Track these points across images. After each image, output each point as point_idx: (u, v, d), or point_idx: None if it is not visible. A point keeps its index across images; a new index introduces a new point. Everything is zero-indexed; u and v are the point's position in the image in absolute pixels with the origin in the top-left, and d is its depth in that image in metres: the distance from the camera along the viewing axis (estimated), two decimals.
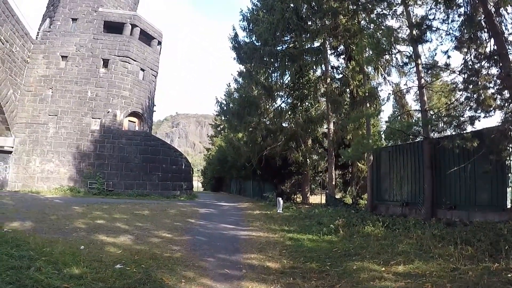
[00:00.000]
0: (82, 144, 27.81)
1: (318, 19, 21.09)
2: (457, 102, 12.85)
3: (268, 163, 27.75)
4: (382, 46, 14.55)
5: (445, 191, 13.29)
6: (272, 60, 23.59)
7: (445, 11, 12.31)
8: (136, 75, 30.65)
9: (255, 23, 24.26)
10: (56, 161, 27.18)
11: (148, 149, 29.26)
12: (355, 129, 22.09)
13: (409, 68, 15.35)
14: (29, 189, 25.01)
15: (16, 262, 5.97)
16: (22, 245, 7.37)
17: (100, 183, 26.95)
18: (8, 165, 26.46)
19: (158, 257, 7.99)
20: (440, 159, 13.57)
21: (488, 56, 11.33)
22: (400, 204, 15.66)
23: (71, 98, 28.25)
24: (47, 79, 28.26)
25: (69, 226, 11.24)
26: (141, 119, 31.55)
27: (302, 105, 26.40)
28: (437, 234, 9.54)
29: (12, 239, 7.71)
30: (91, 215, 14.20)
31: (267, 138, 26.95)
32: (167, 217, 16.18)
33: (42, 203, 17.78)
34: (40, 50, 28.75)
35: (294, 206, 22.66)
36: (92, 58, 29.16)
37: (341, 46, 23.89)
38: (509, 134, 10.37)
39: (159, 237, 10.79)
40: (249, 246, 10.25)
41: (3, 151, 26.25)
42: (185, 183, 30.79)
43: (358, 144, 15.24)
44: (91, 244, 8.84)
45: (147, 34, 32.09)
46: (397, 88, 19.53)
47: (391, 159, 16.92)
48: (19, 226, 10.41)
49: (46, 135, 27.43)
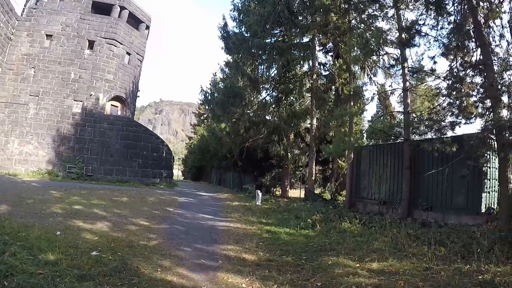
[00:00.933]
0: (62, 126, 27.20)
1: (309, 15, 21.12)
2: (439, 107, 13.11)
3: (250, 155, 27.77)
4: (371, 46, 14.72)
5: (422, 193, 13.62)
6: (260, 52, 23.48)
7: (435, 17, 12.53)
8: (121, 59, 30.11)
9: (246, 14, 24.05)
10: (35, 143, 26.53)
11: (130, 135, 28.86)
12: (337, 126, 22.20)
13: (395, 71, 15.68)
14: (6, 171, 24.35)
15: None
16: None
17: (79, 168, 26.47)
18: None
19: (134, 245, 7.98)
20: (419, 161, 13.88)
21: (474, 65, 11.61)
22: (378, 203, 15.96)
23: (53, 78, 27.55)
24: (30, 58, 27.49)
25: (45, 211, 11.09)
26: (124, 104, 31.07)
27: (286, 99, 26.49)
28: (412, 233, 9.73)
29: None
30: (68, 200, 14.01)
31: (249, 130, 26.91)
32: (146, 204, 16.10)
33: (19, 186, 17.48)
34: (25, 28, 27.92)
35: (273, 199, 22.76)
36: (78, 39, 28.47)
37: (330, 43, 24.00)
38: (488, 141, 10.68)
39: (137, 225, 10.75)
40: (226, 237, 10.29)
41: None
42: (165, 171, 30.58)
43: (340, 141, 15.43)
44: (67, 229, 8.75)
45: (135, 17, 31.56)
46: (382, 89, 19.78)
47: (371, 158, 17.18)
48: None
49: (26, 116, 26.71)
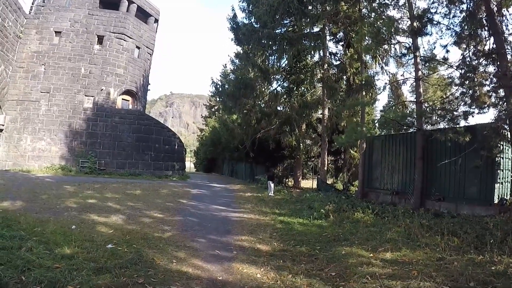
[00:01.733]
0: (74, 122, 27.46)
1: (319, 4, 20.87)
2: (452, 96, 13.00)
3: (261, 146, 27.85)
4: (382, 35, 14.55)
5: (435, 183, 13.57)
6: (270, 43, 23.34)
7: (447, 5, 12.36)
8: (131, 53, 30.21)
9: (255, 4, 23.91)
10: (47, 139, 26.84)
11: (141, 128, 29.05)
12: (349, 116, 22.18)
13: (407, 60, 15.46)
14: (20, 168, 24.74)
15: (7, 242, 5.96)
16: (13, 225, 7.38)
17: (92, 162, 26.74)
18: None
19: (149, 237, 8.09)
20: (432, 151, 13.79)
21: (487, 54, 11.48)
22: (390, 193, 15.92)
23: (64, 75, 27.76)
24: (39, 55, 27.67)
25: (60, 206, 11.24)
26: (135, 98, 31.24)
27: (298, 90, 26.39)
28: (425, 224, 9.70)
29: (2, 219, 7.68)
30: (82, 195, 14.18)
31: (261, 121, 26.97)
32: (159, 197, 16.23)
33: (33, 182, 17.67)
34: (33, 25, 28.07)
35: (286, 190, 22.74)
36: (87, 34, 28.59)
37: (340, 33, 23.74)
38: (502, 131, 10.58)
39: (151, 217, 10.86)
40: (240, 228, 10.36)
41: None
42: (177, 164, 30.80)
43: (352, 131, 15.32)
44: (82, 223, 8.88)
45: (143, 11, 31.54)
46: (394, 78, 19.58)
47: (383, 147, 17.10)
48: (10, 205, 10.39)
49: (37, 112, 27.00)
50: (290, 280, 5.79)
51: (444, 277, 5.66)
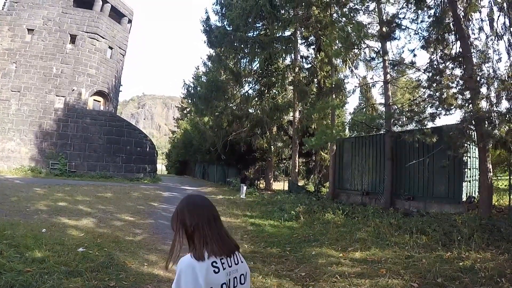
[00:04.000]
0: (45, 122, 26.71)
1: (291, 9, 21.16)
2: (420, 98, 13.43)
3: (233, 149, 27.86)
4: (352, 40, 14.88)
5: (404, 183, 13.96)
6: (242, 46, 23.39)
7: (415, 11, 12.79)
8: (104, 53, 29.70)
9: (228, 7, 23.94)
10: (17, 140, 25.99)
11: (113, 130, 28.55)
12: (320, 118, 22.40)
13: (376, 63, 15.82)
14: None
15: None
16: None
17: (62, 164, 26.09)
18: None
19: (120, 240, 8.04)
20: (401, 152, 14.18)
21: (453, 57, 11.92)
22: (361, 193, 16.24)
23: (35, 74, 27.00)
24: (11, 53, 26.82)
25: (30, 208, 11.00)
26: (107, 99, 30.69)
27: (269, 93, 26.55)
28: (394, 223, 9.94)
29: None
30: (52, 197, 13.86)
31: (232, 124, 26.96)
32: (130, 200, 16.05)
33: (2, 184, 17.20)
34: (6, 22, 27.17)
35: (257, 192, 22.87)
36: (60, 33, 27.91)
37: (311, 36, 23.99)
38: (467, 132, 10.99)
39: (122, 220, 10.77)
40: None
41: None
42: (149, 166, 30.40)
43: (322, 133, 15.54)
44: (53, 227, 8.71)
45: (117, 11, 31.11)
46: (364, 81, 20.01)
47: (353, 149, 17.42)
48: None
49: (7, 112, 26.13)
50: (260, 281, 5.82)
51: (412, 274, 5.84)
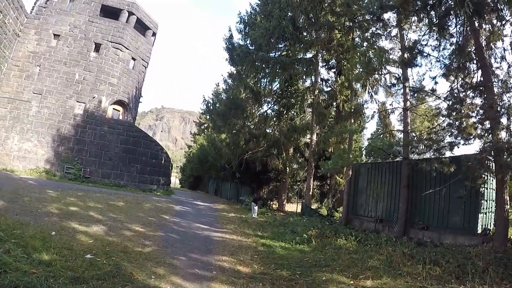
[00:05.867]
0: (63, 127, 27.18)
1: (314, 31, 21.34)
2: (439, 127, 13.20)
3: (248, 167, 27.80)
4: (373, 65, 14.85)
5: (419, 212, 13.64)
6: (263, 65, 23.64)
7: (437, 39, 12.68)
8: (126, 64, 30.27)
9: (252, 27, 24.34)
10: (35, 141, 26.43)
11: (130, 140, 28.86)
12: (337, 142, 22.31)
13: (397, 89, 15.75)
14: (4, 167, 24.19)
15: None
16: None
17: (77, 169, 26.36)
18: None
19: (129, 251, 7.95)
20: (417, 180, 13.92)
21: (474, 86, 11.74)
22: (374, 220, 15.91)
23: (58, 78, 27.63)
24: (36, 56, 27.56)
25: (41, 210, 10.99)
26: (126, 109, 31.13)
27: (288, 114, 26.61)
28: (407, 252, 9.67)
29: None
30: (64, 201, 13.89)
31: (249, 142, 27.00)
32: (142, 211, 16.00)
33: (16, 183, 17.34)
34: (33, 26, 28.07)
35: (270, 213, 22.71)
36: (85, 41, 28.64)
37: (333, 60, 24.14)
38: (486, 163, 10.73)
39: (132, 231, 10.69)
40: (221, 248, 10.23)
41: None
42: (163, 178, 30.48)
43: (339, 157, 15.43)
44: (62, 230, 8.69)
45: (142, 23, 31.81)
46: (383, 107, 19.87)
47: (369, 175, 17.19)
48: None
49: (28, 113, 26.68)
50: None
51: None
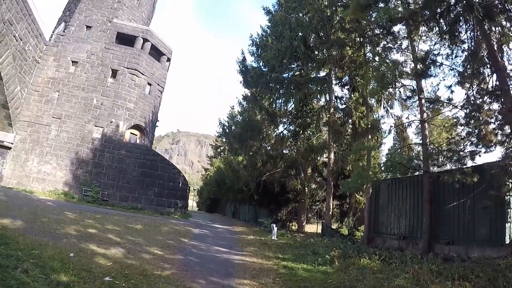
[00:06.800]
0: (81, 150, 27.66)
1: (325, 49, 21.49)
2: (458, 136, 12.94)
3: (266, 189, 27.63)
4: (387, 79, 14.75)
5: (444, 226, 13.19)
6: (277, 86, 23.81)
7: (449, 46, 12.57)
8: (142, 89, 30.84)
9: (264, 49, 24.66)
10: (54, 163, 26.95)
11: (147, 163, 29.07)
12: (355, 160, 22.08)
13: (412, 102, 15.59)
14: (23, 188, 24.64)
15: (3, 260, 5.86)
16: (11, 244, 7.24)
17: (95, 192, 26.57)
18: (5, 161, 26.27)
19: (148, 274, 7.83)
20: (440, 193, 13.54)
21: (490, 91, 11.53)
22: (397, 238, 15.48)
23: (76, 103, 28.33)
24: (55, 82, 28.42)
25: (60, 231, 11.02)
26: (143, 133, 31.54)
27: (304, 133, 26.53)
28: (434, 269, 9.33)
29: (1, 236, 7.57)
30: (83, 223, 13.93)
31: (267, 164, 26.93)
32: (160, 234, 15.87)
33: (34, 203, 17.52)
34: (52, 53, 29.06)
35: (289, 234, 22.28)
36: (102, 67, 29.40)
37: (346, 77, 24.20)
38: (510, 169, 10.36)
39: (151, 254, 10.56)
40: (242, 272, 10.02)
41: (2, 146, 26.10)
42: (180, 201, 30.43)
43: (358, 175, 15.19)
44: (81, 252, 8.66)
45: (157, 49, 32.49)
46: (399, 121, 19.70)
47: (390, 191, 16.85)
48: (10, 224, 10.19)
49: (47, 136, 27.32)
50: None
51: None
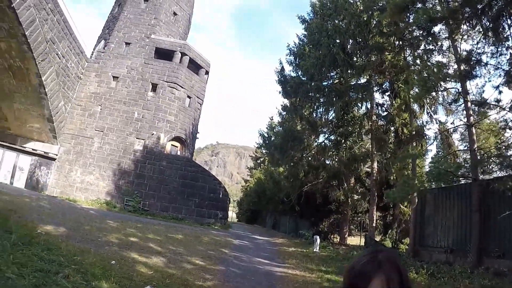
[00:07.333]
0: (123, 161, 28.58)
1: (364, 55, 21.01)
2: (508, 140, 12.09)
3: (308, 200, 27.16)
4: (431, 83, 14.08)
5: (494, 238, 12.21)
6: (318, 95, 23.45)
7: (494, 43, 11.81)
8: (182, 102, 31.48)
9: (302, 57, 24.43)
10: (96, 174, 28.07)
11: (188, 175, 29.48)
12: (400, 169, 21.26)
13: (457, 106, 14.75)
14: (67, 197, 25.77)
15: (45, 265, 5.93)
16: (54, 249, 7.35)
17: (136, 202, 27.26)
18: (50, 171, 27.86)
19: (190, 284, 7.73)
20: (490, 202, 12.56)
21: None
22: (445, 251, 14.51)
23: (118, 116, 29.43)
24: (97, 96, 29.75)
25: (102, 239, 11.22)
26: (184, 145, 32.12)
27: (346, 142, 25.86)
28: (486, 284, 8.69)
29: (44, 241, 7.70)
30: (124, 232, 14.18)
31: (308, 174, 26.59)
32: (201, 244, 15.82)
33: (77, 212, 18.13)
34: (93, 69, 30.53)
35: (331, 246, 21.81)
36: (142, 81, 30.38)
37: (386, 82, 23.43)
38: None
39: (192, 264, 10.46)
40: (285, 284, 9.77)
41: (48, 157, 27.74)
42: (220, 212, 30.51)
43: (404, 184, 14.60)
44: (122, 260, 8.72)
45: (195, 63, 33.16)
46: (443, 127, 18.71)
47: (436, 201, 15.95)
48: (53, 230, 10.45)
49: (90, 148, 28.56)
50: None
51: None
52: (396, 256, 1.52)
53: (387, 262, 1.37)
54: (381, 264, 1.35)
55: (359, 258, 1.43)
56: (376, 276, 1.31)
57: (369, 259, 1.39)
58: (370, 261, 1.38)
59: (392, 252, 1.60)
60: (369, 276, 1.32)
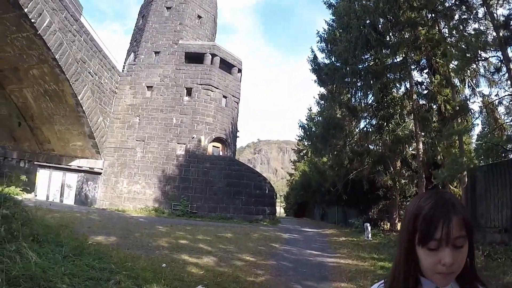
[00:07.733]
0: (167, 168, 29.12)
1: (397, 32, 20.19)
2: None
3: (354, 188, 26.73)
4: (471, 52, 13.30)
5: None
6: (354, 79, 22.84)
7: None
8: (218, 102, 31.67)
9: (333, 43, 23.88)
10: (142, 183, 28.75)
11: (232, 174, 29.68)
12: (446, 147, 20.37)
13: (500, 76, 13.85)
14: (116, 208, 26.62)
15: (96, 273, 6.01)
16: (104, 258, 7.48)
17: (184, 205, 27.71)
18: (97, 185, 28.92)
19: (241, 281, 7.77)
20: None
21: None
22: (499, 230, 13.74)
23: (157, 124, 29.99)
24: (134, 108, 30.44)
25: (152, 244, 11.48)
26: (225, 144, 32.40)
27: (388, 125, 25.07)
28: None
29: (95, 251, 7.85)
30: (174, 235, 14.42)
31: (353, 161, 26.13)
32: (250, 240, 15.89)
33: (127, 221, 18.68)
34: (127, 82, 31.26)
35: (382, 233, 21.44)
36: (176, 87, 30.78)
37: (423, 59, 22.40)
38: None
39: (243, 260, 10.52)
40: (337, 274, 9.65)
41: (93, 172, 28.88)
42: (268, 208, 30.63)
43: (453, 163, 13.92)
44: (173, 262, 8.86)
45: (227, 62, 33.24)
46: (488, 99, 17.65)
47: (487, 179, 15.02)
48: (104, 240, 10.80)
49: (133, 158, 29.27)
50: None
51: None
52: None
53: (456, 200, 1.27)
54: (454, 204, 1.24)
55: (421, 202, 1.26)
56: (453, 217, 1.19)
57: (437, 201, 1.25)
58: (440, 203, 1.24)
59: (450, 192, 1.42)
60: (447, 219, 1.19)
